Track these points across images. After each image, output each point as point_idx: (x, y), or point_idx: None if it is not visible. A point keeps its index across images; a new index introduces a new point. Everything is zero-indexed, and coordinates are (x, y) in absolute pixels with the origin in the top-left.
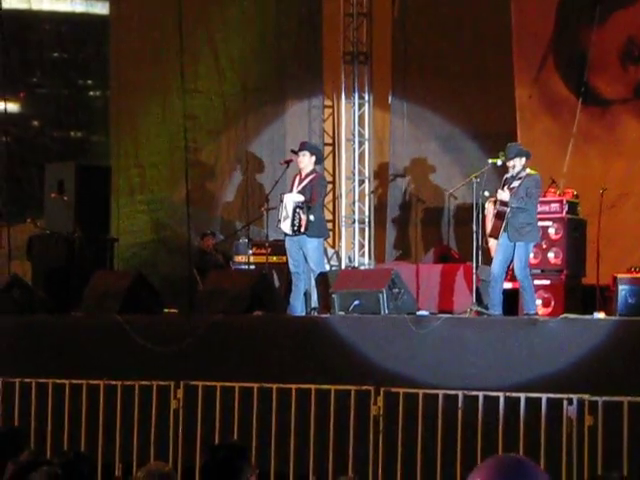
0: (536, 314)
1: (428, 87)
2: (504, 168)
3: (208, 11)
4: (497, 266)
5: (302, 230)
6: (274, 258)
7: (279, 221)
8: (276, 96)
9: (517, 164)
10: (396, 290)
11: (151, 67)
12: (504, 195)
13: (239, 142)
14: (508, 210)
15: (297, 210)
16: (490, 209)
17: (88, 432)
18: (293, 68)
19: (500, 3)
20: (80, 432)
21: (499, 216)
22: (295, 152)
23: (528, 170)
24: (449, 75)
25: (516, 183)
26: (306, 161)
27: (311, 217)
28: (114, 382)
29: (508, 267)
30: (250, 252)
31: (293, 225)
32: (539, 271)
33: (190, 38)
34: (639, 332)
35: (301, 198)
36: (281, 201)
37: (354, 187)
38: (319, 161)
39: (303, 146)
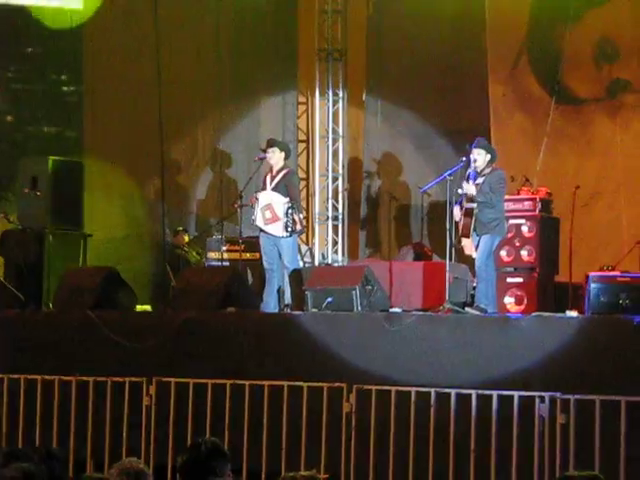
0: (485, 308)
1: (402, 84)
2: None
3: (184, 5)
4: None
5: (297, 229)
6: (247, 255)
7: (254, 219)
8: (250, 92)
9: (479, 159)
10: (369, 287)
11: (126, 62)
12: (470, 188)
13: (212, 138)
14: (475, 206)
15: (289, 211)
16: (457, 213)
17: (60, 428)
18: (268, 64)
19: (475, 0)
20: (52, 428)
21: (467, 214)
22: (264, 150)
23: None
24: (423, 72)
25: (480, 179)
26: (276, 157)
27: (301, 215)
28: (86, 378)
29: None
30: (223, 249)
31: (287, 227)
32: (512, 269)
33: (166, 33)
34: (611, 330)
35: (286, 199)
36: (256, 199)
37: (328, 184)
38: (288, 157)
39: (271, 143)
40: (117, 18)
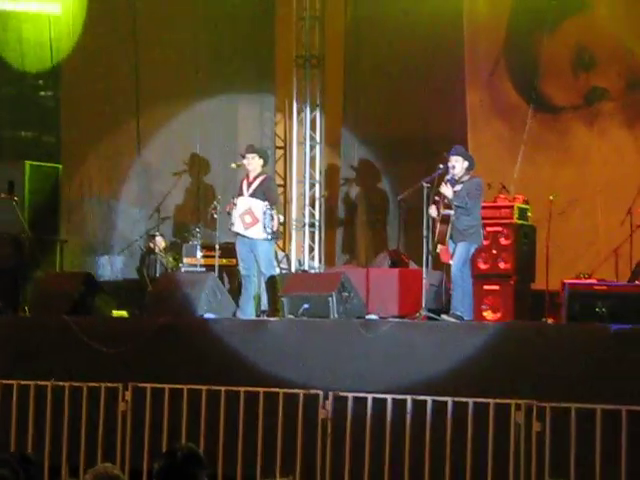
0: (461, 315)
1: (380, 90)
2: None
3: (161, 9)
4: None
5: (275, 230)
6: (224, 260)
7: (232, 224)
8: (228, 98)
9: (457, 166)
10: (345, 294)
11: (103, 66)
12: (447, 190)
13: (189, 144)
14: (452, 214)
15: (267, 213)
16: (433, 211)
17: (35, 434)
18: (245, 70)
19: (453, 7)
20: (27, 434)
21: (444, 221)
22: (243, 156)
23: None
24: (401, 79)
25: (459, 187)
26: (254, 163)
27: (281, 218)
28: (62, 383)
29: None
30: (200, 254)
31: (265, 227)
32: (488, 276)
33: (143, 39)
34: (587, 338)
35: (264, 203)
36: (234, 204)
37: (305, 191)
38: (266, 163)
39: (251, 149)
40: (94, 22)
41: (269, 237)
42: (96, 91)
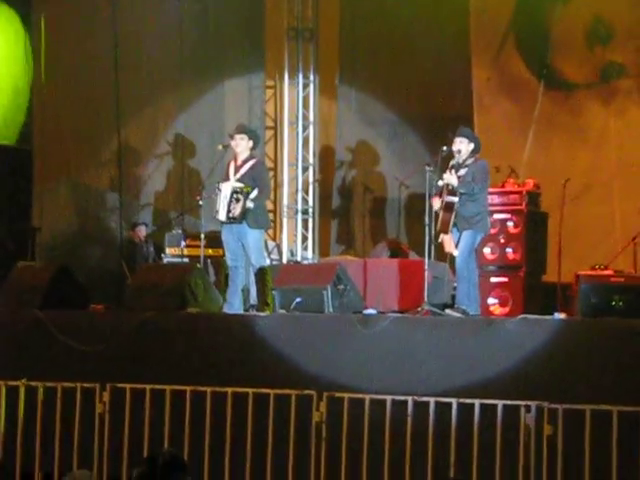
0: (467, 310)
1: (378, 66)
2: (451, 154)
3: None
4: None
5: (237, 217)
6: (210, 251)
7: (217, 211)
8: (214, 74)
9: (463, 149)
10: (341, 287)
11: (79, 41)
12: (451, 178)
13: (172, 124)
14: (457, 200)
15: (234, 195)
16: (436, 203)
17: (6, 438)
18: (233, 44)
19: None
20: None
21: (447, 208)
22: (231, 135)
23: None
24: (401, 54)
25: (463, 171)
26: (244, 145)
27: (250, 204)
28: (34, 383)
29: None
30: (184, 244)
31: (228, 212)
32: (496, 268)
33: (124, 7)
34: (602, 335)
35: (241, 185)
36: (219, 190)
37: (297, 174)
38: (256, 146)
39: (241, 129)
40: None
41: (229, 221)
42: (72, 66)
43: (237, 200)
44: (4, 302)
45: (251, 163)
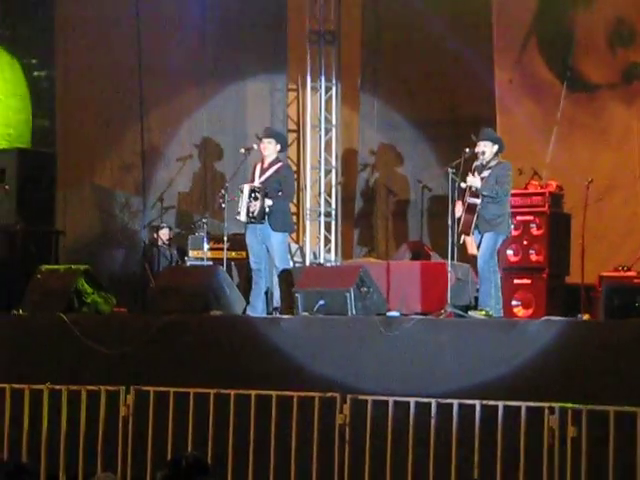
0: (490, 312)
1: (401, 69)
2: (474, 155)
3: None
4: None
5: (256, 216)
6: (233, 253)
7: (238, 212)
8: (236, 77)
9: (487, 151)
10: (364, 289)
11: (103, 44)
12: (475, 181)
13: (196, 126)
14: (479, 202)
15: (252, 194)
16: (459, 209)
17: (30, 441)
18: (255, 47)
19: None
20: (21, 441)
21: (470, 210)
22: (259, 138)
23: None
24: (423, 57)
25: (486, 173)
26: (271, 149)
27: (269, 202)
28: (58, 387)
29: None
30: (207, 247)
31: (248, 211)
32: (519, 269)
33: (147, 12)
34: (626, 336)
35: (259, 185)
36: (241, 192)
37: (320, 177)
38: (283, 150)
39: (269, 132)
40: None
41: (247, 222)
42: (95, 68)
43: (255, 199)
44: (28, 306)
45: (277, 166)
